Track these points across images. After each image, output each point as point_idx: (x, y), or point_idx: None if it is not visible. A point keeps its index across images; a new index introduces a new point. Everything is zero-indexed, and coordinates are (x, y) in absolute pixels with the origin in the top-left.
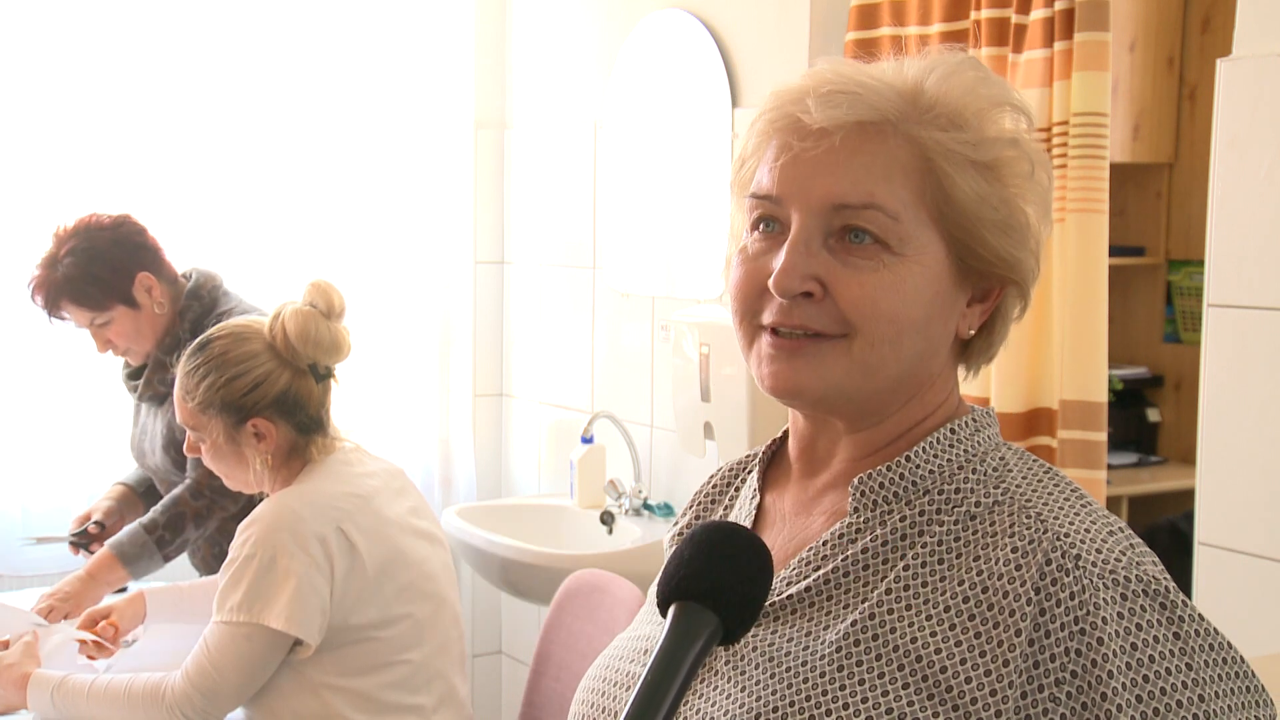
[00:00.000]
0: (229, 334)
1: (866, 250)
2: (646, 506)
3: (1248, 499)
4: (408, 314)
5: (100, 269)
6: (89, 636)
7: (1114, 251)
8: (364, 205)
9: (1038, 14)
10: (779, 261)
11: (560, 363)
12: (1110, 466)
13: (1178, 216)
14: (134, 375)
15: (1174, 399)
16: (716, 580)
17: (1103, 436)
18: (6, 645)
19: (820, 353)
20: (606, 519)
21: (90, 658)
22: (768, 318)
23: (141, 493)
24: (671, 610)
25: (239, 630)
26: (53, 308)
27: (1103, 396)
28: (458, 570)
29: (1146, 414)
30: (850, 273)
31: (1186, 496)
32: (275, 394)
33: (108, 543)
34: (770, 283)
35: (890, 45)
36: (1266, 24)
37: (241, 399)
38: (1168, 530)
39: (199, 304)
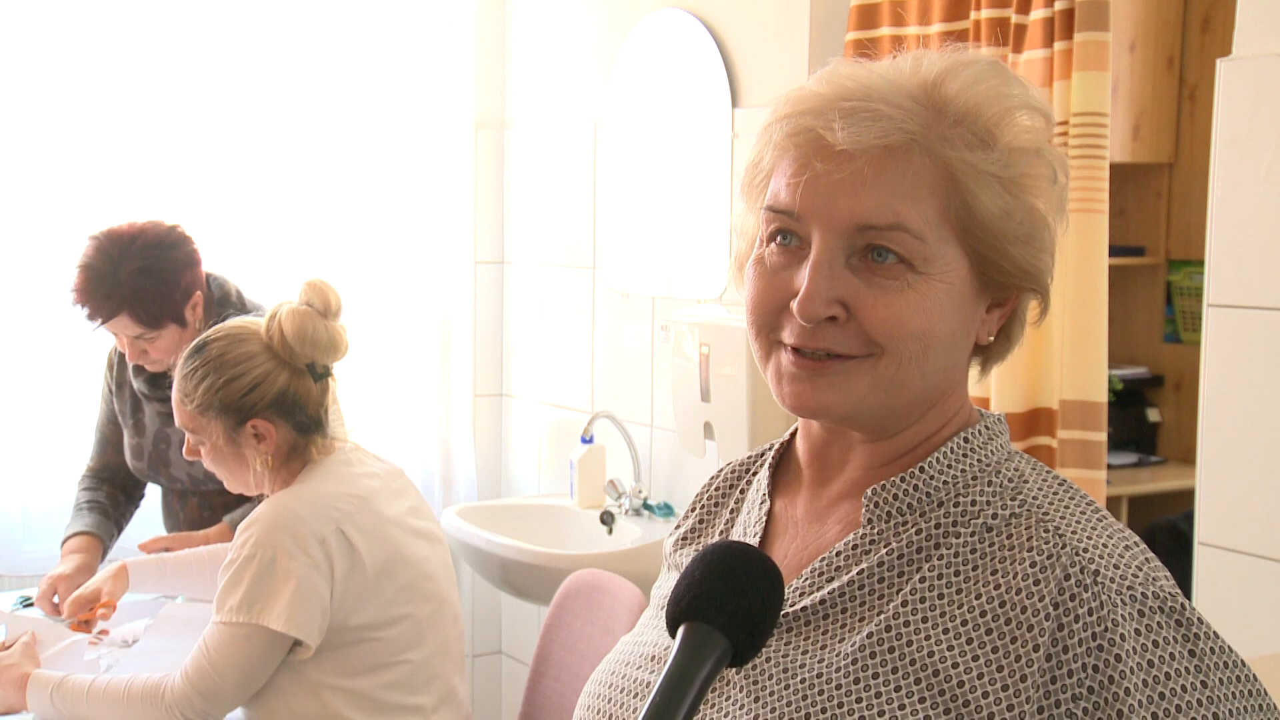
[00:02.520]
0: (226, 335)
1: (891, 270)
2: (646, 506)
3: (1248, 499)
4: (408, 314)
5: (169, 289)
6: (81, 636)
7: (1114, 251)
8: (364, 205)
9: (1038, 14)
10: (801, 281)
11: (560, 363)
12: (1110, 466)
13: (1178, 216)
14: (153, 382)
15: (1174, 399)
16: (726, 602)
17: (1103, 436)
18: (7, 647)
19: (845, 371)
20: (606, 519)
21: (88, 637)
22: (788, 337)
23: (109, 541)
24: (681, 631)
25: (238, 631)
26: (109, 316)
27: (1103, 396)
28: (458, 570)
29: (1146, 414)
30: (875, 294)
31: (1186, 496)
32: (274, 394)
33: (226, 517)
34: (794, 306)
35: (890, 45)
36: (1266, 24)
37: (240, 400)
38: (1168, 530)
39: (234, 311)
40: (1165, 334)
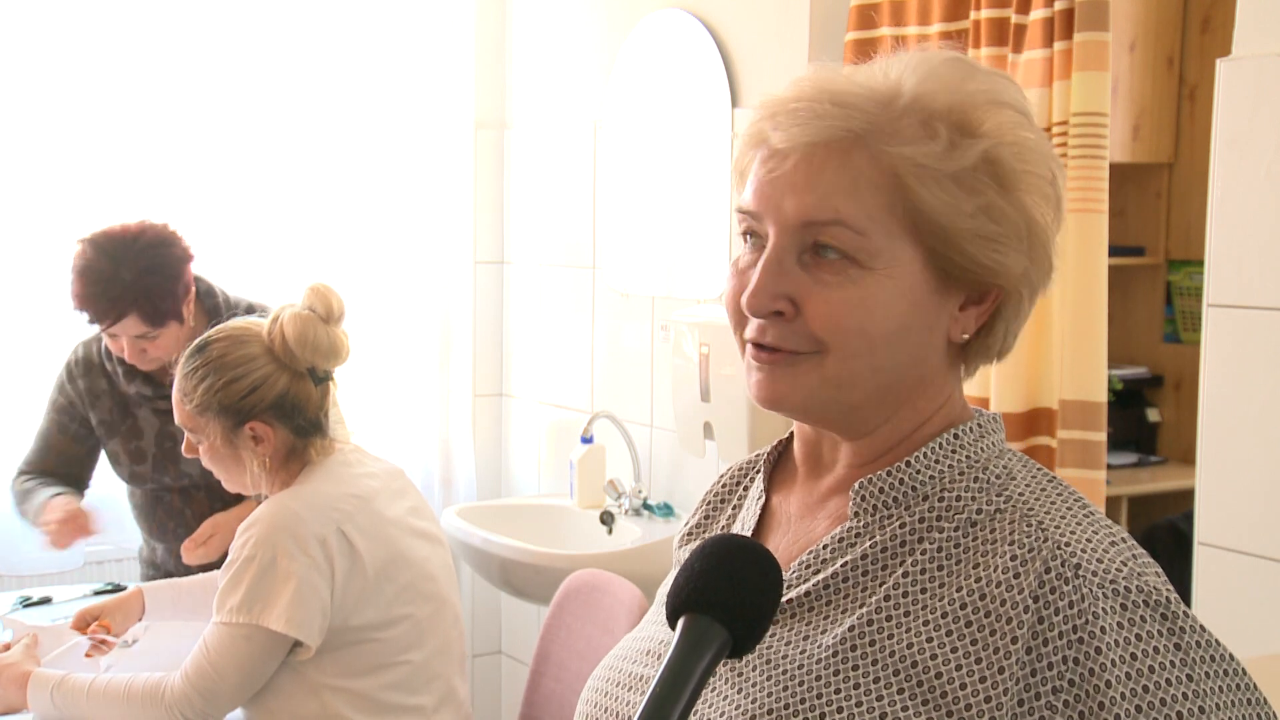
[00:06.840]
0: (227, 336)
1: (835, 266)
2: (646, 506)
3: (1248, 499)
4: (408, 314)
5: (173, 286)
6: (83, 638)
7: (1114, 251)
8: (364, 206)
9: (1038, 14)
10: (753, 279)
11: (560, 363)
12: (1110, 466)
13: (1178, 216)
14: (152, 383)
15: (1174, 399)
16: (726, 593)
17: (1102, 436)
18: (8, 648)
19: (795, 364)
20: (606, 519)
21: (88, 655)
22: (746, 334)
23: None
24: (681, 622)
25: (238, 631)
26: (117, 318)
27: (1102, 396)
28: (458, 570)
29: (1146, 414)
30: (819, 290)
31: (1186, 496)
32: (273, 397)
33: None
34: (742, 301)
35: (890, 45)
36: (1266, 24)
37: (239, 402)
38: (1168, 530)
39: (222, 306)
40: (1165, 334)
